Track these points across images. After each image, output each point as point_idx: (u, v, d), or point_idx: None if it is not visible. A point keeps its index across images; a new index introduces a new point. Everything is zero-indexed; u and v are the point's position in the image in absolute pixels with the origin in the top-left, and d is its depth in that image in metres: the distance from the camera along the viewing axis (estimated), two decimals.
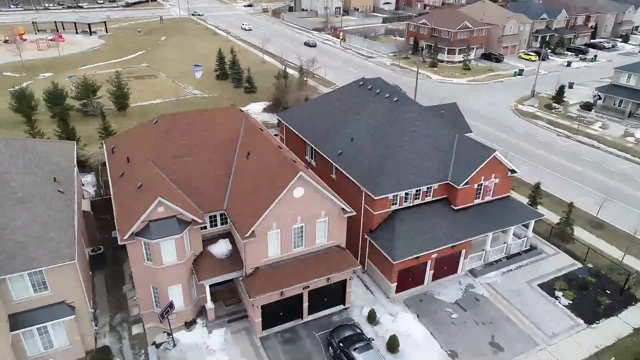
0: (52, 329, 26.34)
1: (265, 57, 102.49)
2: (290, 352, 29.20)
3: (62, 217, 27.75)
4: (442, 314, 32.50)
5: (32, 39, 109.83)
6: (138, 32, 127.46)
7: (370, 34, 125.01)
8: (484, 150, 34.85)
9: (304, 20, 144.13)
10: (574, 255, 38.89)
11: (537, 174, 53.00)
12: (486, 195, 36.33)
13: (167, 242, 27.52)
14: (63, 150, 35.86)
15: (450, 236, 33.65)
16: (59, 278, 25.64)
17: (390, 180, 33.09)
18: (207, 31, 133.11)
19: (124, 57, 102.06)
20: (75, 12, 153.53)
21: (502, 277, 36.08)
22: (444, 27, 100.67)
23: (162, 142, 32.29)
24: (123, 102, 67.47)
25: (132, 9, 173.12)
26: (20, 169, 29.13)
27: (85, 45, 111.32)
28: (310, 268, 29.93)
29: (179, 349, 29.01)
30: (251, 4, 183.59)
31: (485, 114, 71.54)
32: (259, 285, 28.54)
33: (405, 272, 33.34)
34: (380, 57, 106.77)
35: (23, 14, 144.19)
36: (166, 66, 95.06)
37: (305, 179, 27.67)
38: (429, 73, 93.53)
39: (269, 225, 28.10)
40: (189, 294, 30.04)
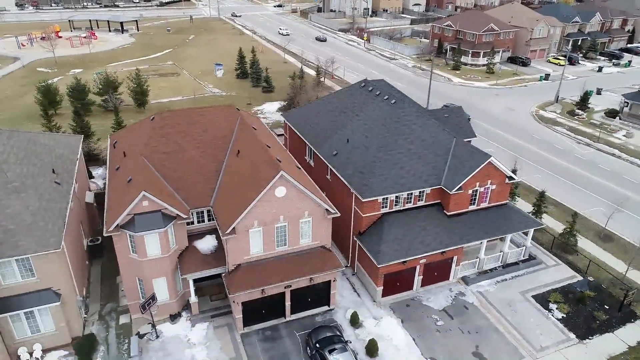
0: (39, 314, 27.49)
1: (287, 56, 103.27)
2: (269, 350, 29.42)
3: (54, 207, 28.88)
4: (427, 321, 31.99)
5: (67, 36, 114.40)
6: (167, 31, 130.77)
7: (395, 35, 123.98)
8: (479, 155, 34.08)
9: (331, 21, 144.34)
10: (575, 267, 37.51)
11: (549, 182, 51.43)
12: (482, 202, 35.51)
13: (151, 235, 28.23)
14: (68, 144, 37.28)
15: (440, 242, 33.08)
16: (45, 265, 26.72)
17: (380, 183, 32.83)
18: (235, 30, 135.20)
19: (151, 55, 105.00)
20: (111, 11, 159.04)
21: (495, 286, 35.19)
22: (469, 30, 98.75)
23: (157, 138, 33.12)
24: (142, 99, 69.38)
25: (165, 8, 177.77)
26: (19, 160, 30.48)
27: (116, 43, 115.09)
28: (292, 267, 30.06)
29: (161, 341, 29.70)
30: (281, 4, 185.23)
31: (503, 118, 69.83)
32: (239, 282, 28.89)
33: (393, 276, 32.99)
34: (403, 58, 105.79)
35: (62, 12, 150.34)
36: (190, 64, 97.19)
37: (286, 178, 27.81)
38: (451, 76, 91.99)
39: (251, 223, 28.40)
40: (174, 288, 30.70)
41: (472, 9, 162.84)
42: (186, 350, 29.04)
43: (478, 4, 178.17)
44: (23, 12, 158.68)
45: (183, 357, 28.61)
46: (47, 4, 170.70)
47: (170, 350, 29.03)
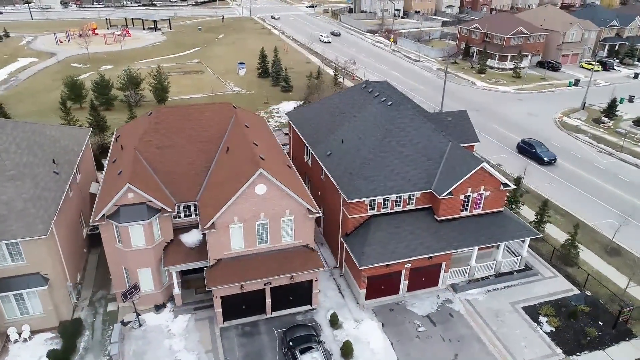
0: (28, 296, 28.88)
1: (310, 56, 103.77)
2: (245, 345, 29.80)
3: (48, 195, 30.24)
4: (408, 326, 31.57)
5: (103, 33, 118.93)
6: (199, 30, 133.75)
7: (423, 37, 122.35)
8: (471, 161, 33.31)
9: (360, 22, 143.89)
10: (573, 280, 36.10)
11: (562, 191, 49.75)
12: (475, 208, 34.70)
13: (135, 226, 29.13)
14: (74, 136, 38.88)
15: (426, 247, 32.57)
16: (34, 250, 28.04)
17: (368, 185, 32.63)
18: (264, 30, 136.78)
19: (179, 53, 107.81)
20: (148, 9, 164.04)
21: (485, 295, 34.32)
22: (497, 32, 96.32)
23: (152, 132, 34.10)
24: (162, 95, 71.37)
25: (199, 7, 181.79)
26: (20, 149, 32.06)
27: (148, 40, 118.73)
28: (273, 265, 30.32)
29: (143, 330, 30.60)
30: (313, 5, 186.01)
31: (522, 124, 67.80)
32: (218, 276, 29.40)
33: (377, 279, 32.71)
34: (428, 61, 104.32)
35: (102, 10, 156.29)
36: (215, 63, 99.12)
37: (266, 176, 28.09)
38: (475, 79, 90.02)
39: (231, 219, 28.85)
40: (158, 279, 31.54)
41: (508, 11, 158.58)
42: (165, 340, 29.80)
43: (515, 6, 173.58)
44: (66, 10, 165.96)
45: (161, 347, 29.38)
46: (89, 2, 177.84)
47: (150, 340, 29.87)
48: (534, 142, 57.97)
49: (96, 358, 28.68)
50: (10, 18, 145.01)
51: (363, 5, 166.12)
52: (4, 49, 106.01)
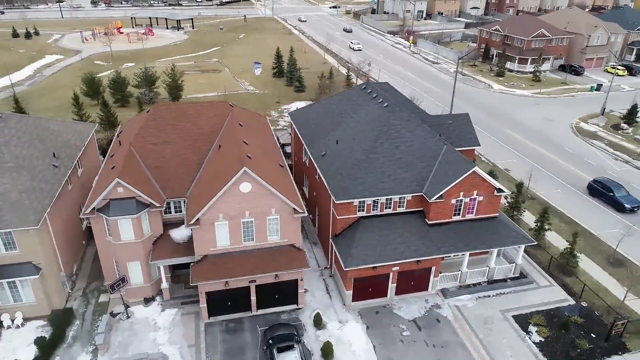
0: (20, 285, 29.93)
1: (327, 57, 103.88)
2: (227, 341, 30.11)
3: (44, 187, 31.26)
4: (393, 330, 31.28)
5: (127, 32, 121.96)
6: (220, 29, 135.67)
7: (444, 39, 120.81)
8: (464, 165, 32.76)
9: (381, 23, 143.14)
10: (570, 290, 35.05)
11: (569, 198, 48.31)
12: (468, 213, 34.11)
13: (124, 220, 29.82)
14: (77, 131, 40.04)
15: (414, 251, 32.19)
16: (26, 240, 29.05)
17: (357, 186, 32.50)
18: (284, 30, 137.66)
19: (199, 52, 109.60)
20: (175, 9, 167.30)
21: (475, 302, 33.69)
22: (517, 35, 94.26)
23: (148, 129, 34.84)
24: (176, 93, 72.69)
25: (224, 7, 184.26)
26: (21, 142, 33.27)
27: (170, 39, 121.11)
28: (258, 263, 30.54)
29: (130, 322, 31.28)
30: (337, 6, 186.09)
31: (537, 129, 66.17)
32: (203, 272, 29.80)
33: (364, 281, 32.54)
34: (446, 63, 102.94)
35: (129, 10, 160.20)
36: (233, 62, 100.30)
37: (250, 174, 28.33)
38: (492, 82, 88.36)
39: (216, 215, 29.22)
40: (148, 272, 32.18)
41: (535, 13, 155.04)
42: (151, 333, 30.39)
43: (543, 8, 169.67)
44: (95, 9, 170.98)
45: (146, 339, 29.97)
46: (118, 1, 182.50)
47: (136, 331, 30.51)
48: (611, 184, 47.64)
49: (83, 347, 29.48)
50: (42, 16, 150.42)
51: (386, 7, 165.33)
52: (32, 46, 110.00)
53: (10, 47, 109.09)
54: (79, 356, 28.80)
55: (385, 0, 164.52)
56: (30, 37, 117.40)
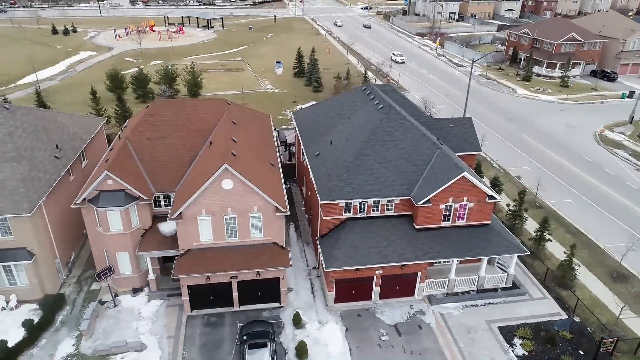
0: (15, 269, 31.40)
1: (350, 57, 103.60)
2: (206, 334, 30.61)
3: (42, 177, 32.70)
4: (372, 333, 30.97)
5: (158, 30, 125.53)
6: (249, 29, 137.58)
7: (472, 41, 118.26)
8: (453, 170, 32.06)
9: (410, 25, 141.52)
10: (564, 304, 33.72)
11: (580, 208, 46.47)
12: (458, 219, 33.37)
13: (113, 212, 30.81)
14: (85, 124, 41.62)
15: (399, 255, 31.77)
16: (21, 227, 30.46)
17: (343, 187, 32.35)
18: (312, 31, 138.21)
19: (226, 51, 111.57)
20: (209, 8, 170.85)
21: (461, 311, 32.90)
22: (546, 38, 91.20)
23: (145, 124, 35.86)
24: (195, 90, 74.27)
25: (256, 7, 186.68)
26: (26, 133, 34.87)
27: (199, 38, 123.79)
28: (239, 259, 30.91)
29: (117, 310, 32.28)
30: (369, 7, 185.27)
31: (557, 136, 63.87)
32: (185, 266, 30.42)
33: (347, 283, 32.37)
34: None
35: (163, 8, 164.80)
36: (257, 61, 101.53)
37: (231, 172, 28.71)
38: (517, 87, 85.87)
39: (198, 211, 29.76)
40: (136, 263, 33.10)
41: (575, 16, 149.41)
42: (134, 322, 31.26)
43: (583, 11, 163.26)
44: (134, 8, 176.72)
45: (129, 327, 30.85)
46: (155, 0, 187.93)
47: (120, 320, 31.46)
48: None
49: (70, 331, 30.65)
50: (82, 14, 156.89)
51: (417, 8, 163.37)
52: (68, 43, 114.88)
53: (49, 43, 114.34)
54: (64, 340, 29.96)
55: (417, 2, 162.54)
56: (68, 34, 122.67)
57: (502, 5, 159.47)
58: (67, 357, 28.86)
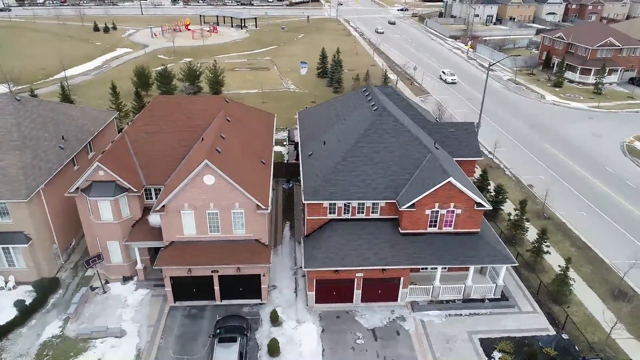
0: (13, 251, 33.18)
1: (376, 58, 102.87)
2: (185, 325, 31.29)
3: (43, 166, 34.39)
4: (348, 336, 30.74)
5: (193, 29, 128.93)
6: (282, 29, 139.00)
7: (506, 45, 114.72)
8: (439, 175, 31.35)
9: (443, 27, 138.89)
10: (554, 319, 32.30)
11: (593, 222, 44.34)
12: (445, 226, 32.61)
13: (103, 202, 32.04)
14: (94, 117, 43.40)
15: (380, 259, 31.39)
16: (19, 212, 32.18)
17: (328, 188, 32.31)
18: (344, 32, 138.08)
19: (255, 50, 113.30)
20: (245, 8, 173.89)
21: (444, 319, 32.11)
22: (582, 43, 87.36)
23: (144, 119, 37.09)
24: (217, 88, 75.90)
25: (292, 7, 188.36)
26: (33, 123, 36.77)
27: (231, 37, 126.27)
28: (220, 254, 31.43)
29: (105, 296, 33.52)
30: (405, 8, 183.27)
31: (579, 145, 61.10)
32: (167, 257, 31.25)
33: (328, 284, 32.26)
34: (502, 70, 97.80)
35: (202, 8, 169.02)
36: (284, 61, 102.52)
37: (211, 167, 29.25)
38: (546, 92, 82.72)
39: (181, 205, 30.50)
40: (126, 252, 34.25)
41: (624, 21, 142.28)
42: (119, 309, 32.36)
43: (633, 15, 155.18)
44: (174, 7, 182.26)
45: (113, 314, 31.97)
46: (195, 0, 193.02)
47: (106, 306, 32.65)
48: None
49: (59, 313, 32.08)
50: (124, 12, 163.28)
51: (454, 10, 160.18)
52: (107, 40, 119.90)
53: (89, 39, 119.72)
54: (52, 322, 31.40)
55: (454, 4, 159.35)
56: (108, 32, 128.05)
57: (544, 9, 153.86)
58: (52, 338, 30.24)
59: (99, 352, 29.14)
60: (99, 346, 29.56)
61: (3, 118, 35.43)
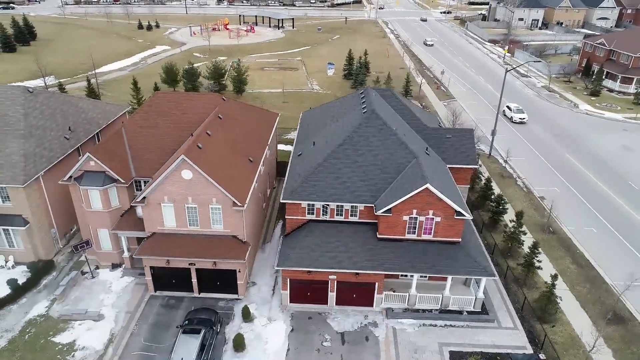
0: (12, 233, 35.40)
1: (407, 61, 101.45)
2: (161, 314, 32.28)
3: (46, 154, 36.47)
4: (316, 338, 30.66)
5: (231, 28, 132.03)
6: (318, 30, 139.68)
7: (547, 50, 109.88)
8: (418, 181, 30.64)
9: (483, 31, 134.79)
10: (535, 337, 30.81)
11: (601, 240, 41.90)
12: (425, 234, 31.86)
13: (93, 191, 33.59)
14: (105, 111, 45.52)
15: (354, 262, 31.10)
16: (18, 196, 34.30)
17: (306, 189, 32.38)
18: (380, 34, 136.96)
19: (288, 50, 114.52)
20: (287, 9, 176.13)
21: (417, 329, 31.37)
22: (624, 50, 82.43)
23: (142, 113, 38.52)
24: (240, 87, 77.45)
25: (333, 9, 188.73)
26: (42, 114, 39.03)
27: (266, 37, 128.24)
28: (197, 248, 32.19)
29: (93, 281, 35.14)
30: (448, 11, 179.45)
31: (606, 158, 57.71)
32: (147, 248, 32.35)
33: (301, 285, 32.30)
34: (537, 77, 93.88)
35: (245, 8, 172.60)
36: (313, 62, 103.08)
37: (189, 163, 30.02)
38: (581, 101, 78.66)
39: (161, 197, 31.50)
40: (115, 240, 35.71)
41: None
42: (102, 294, 33.84)
43: None
44: (219, 7, 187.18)
45: (96, 298, 33.47)
46: (239, 0, 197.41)
47: (92, 290, 34.22)
48: None
49: (48, 295, 33.93)
50: (169, 11, 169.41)
51: (497, 14, 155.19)
52: (148, 37, 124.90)
53: (132, 37, 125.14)
54: (40, 302, 33.26)
55: (497, 7, 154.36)
56: (150, 29, 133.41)
57: (595, 13, 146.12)
58: (37, 316, 32.05)
59: (76, 334, 30.61)
60: (76, 328, 31.05)
61: (14, 108, 37.83)
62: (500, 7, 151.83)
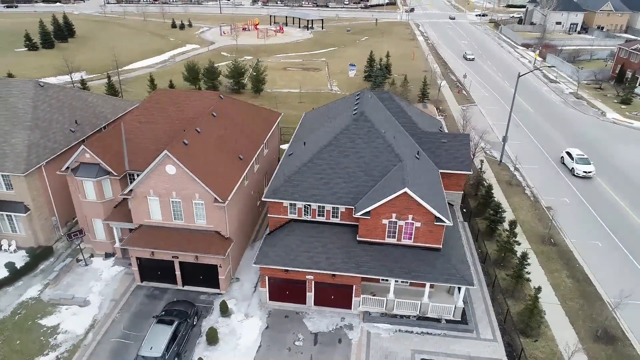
0: (15, 219, 37.34)
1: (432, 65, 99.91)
2: (144, 304, 33.27)
3: (49, 146, 38.26)
4: (290, 336, 30.81)
5: (260, 28, 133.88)
6: (347, 31, 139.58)
7: (581, 55, 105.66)
8: (398, 184, 30.25)
9: (517, 34, 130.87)
10: (514, 351, 29.81)
11: (605, 254, 40.14)
12: (405, 238, 31.42)
13: (87, 182, 35.01)
14: (114, 106, 47.24)
15: (330, 264, 31.05)
16: (20, 184, 36.15)
17: (288, 189, 32.57)
18: (409, 36, 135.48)
19: (314, 51, 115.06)
20: (319, 10, 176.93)
21: (392, 334, 30.99)
22: None
23: (141, 109, 39.77)
24: (259, 86, 78.52)
25: (365, 10, 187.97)
26: (50, 107, 40.95)
27: (294, 37, 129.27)
28: (181, 241, 32.98)
29: (86, 269, 36.58)
30: (484, 14, 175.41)
31: (626, 170, 54.98)
32: (133, 239, 33.41)
33: (280, 283, 32.52)
34: (566, 82, 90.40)
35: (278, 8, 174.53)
36: (336, 63, 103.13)
37: (172, 158, 30.82)
38: (609, 109, 75.20)
39: (147, 191, 32.45)
40: (109, 230, 37.05)
41: None
42: (92, 281, 35.21)
43: None
44: (253, 7, 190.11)
45: (86, 285, 34.84)
46: (273, 0, 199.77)
47: (83, 277, 35.64)
48: None
49: (43, 279, 35.62)
50: (204, 11, 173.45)
51: (534, 17, 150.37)
52: (180, 36, 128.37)
53: (165, 35, 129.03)
54: (34, 285, 34.95)
55: (534, 10, 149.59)
56: (183, 28, 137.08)
57: (639, 18, 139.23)
58: (29, 299, 33.71)
59: (61, 317, 32.00)
60: (63, 312, 32.45)
61: (24, 101, 39.89)
62: (537, 11, 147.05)
